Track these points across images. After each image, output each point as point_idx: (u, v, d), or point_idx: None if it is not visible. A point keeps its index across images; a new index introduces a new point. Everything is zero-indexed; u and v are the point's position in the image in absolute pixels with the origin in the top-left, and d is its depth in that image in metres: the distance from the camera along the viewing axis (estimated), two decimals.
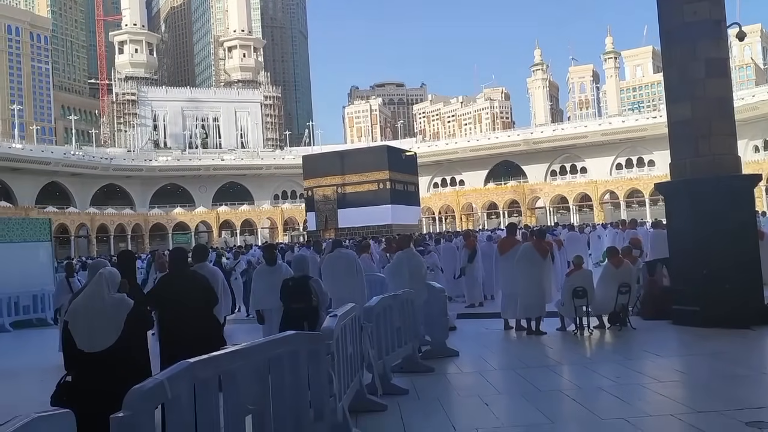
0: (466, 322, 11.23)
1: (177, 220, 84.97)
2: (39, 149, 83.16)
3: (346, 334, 5.35)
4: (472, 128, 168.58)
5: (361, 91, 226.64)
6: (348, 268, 8.74)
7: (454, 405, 6.18)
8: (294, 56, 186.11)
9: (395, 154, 54.46)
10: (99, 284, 4.73)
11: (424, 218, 76.20)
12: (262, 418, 3.83)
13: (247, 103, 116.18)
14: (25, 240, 17.22)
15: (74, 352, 4.57)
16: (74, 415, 2.60)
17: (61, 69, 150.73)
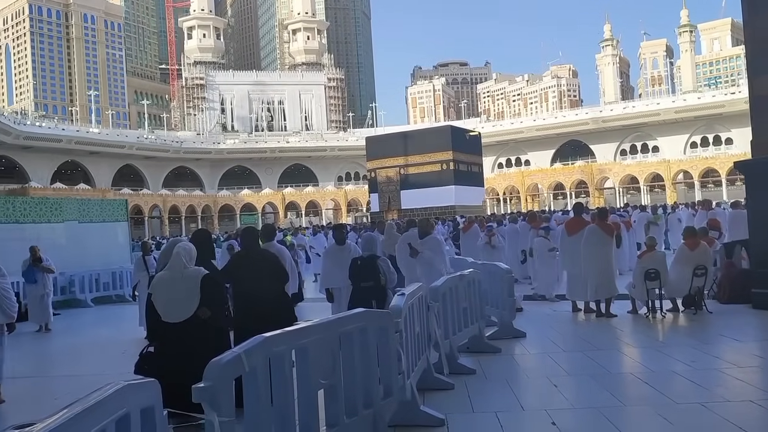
0: (533, 304, 11.10)
1: (244, 202, 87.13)
2: (114, 133, 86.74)
3: (414, 313, 5.38)
4: (538, 107, 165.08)
5: (424, 71, 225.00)
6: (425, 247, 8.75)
7: (522, 385, 6.13)
8: (357, 38, 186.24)
9: (459, 134, 53.84)
10: (178, 258, 4.98)
11: (488, 199, 75.34)
12: (334, 393, 3.91)
13: (311, 85, 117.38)
14: (104, 220, 18.03)
15: (157, 323, 4.81)
16: (159, 384, 2.72)
17: (133, 55, 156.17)
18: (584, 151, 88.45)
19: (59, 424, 1.92)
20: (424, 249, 8.79)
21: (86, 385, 6.85)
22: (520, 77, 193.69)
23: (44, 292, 12.04)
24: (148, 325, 5.19)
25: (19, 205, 16.12)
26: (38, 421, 1.95)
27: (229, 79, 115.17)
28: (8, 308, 6.39)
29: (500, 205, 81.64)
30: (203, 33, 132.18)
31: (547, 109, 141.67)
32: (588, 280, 9.46)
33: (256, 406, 3.27)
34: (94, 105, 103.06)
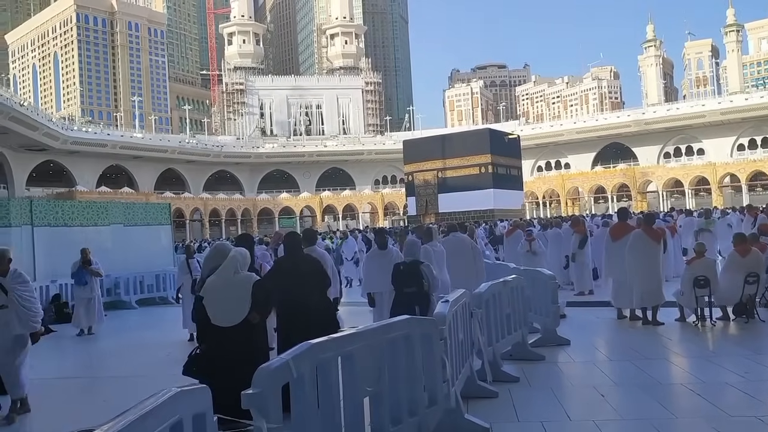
0: (576, 311, 10.90)
1: (283, 205, 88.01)
2: (157, 138, 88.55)
3: (458, 320, 5.33)
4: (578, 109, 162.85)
5: (462, 74, 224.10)
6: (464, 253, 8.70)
7: (568, 395, 6.02)
8: (395, 41, 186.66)
9: (497, 137, 53.47)
10: (233, 263, 5.08)
11: (528, 203, 74.53)
12: (379, 401, 3.89)
13: (348, 89, 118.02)
14: (148, 223, 18.42)
15: (206, 326, 4.87)
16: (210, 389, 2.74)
17: (175, 61, 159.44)
18: (626, 154, 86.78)
19: (117, 431, 1.94)
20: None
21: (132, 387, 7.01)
22: (560, 79, 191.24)
23: (92, 295, 12.04)
24: (198, 327, 5.25)
25: (67, 208, 16.57)
26: (96, 428, 1.97)
27: (268, 84, 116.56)
28: (29, 318, 6.16)
29: (540, 209, 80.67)
30: (243, 39, 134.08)
31: (588, 112, 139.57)
32: (634, 286, 9.25)
33: (303, 412, 3.27)
34: (138, 110, 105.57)
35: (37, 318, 6.26)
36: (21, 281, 6.18)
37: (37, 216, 15.22)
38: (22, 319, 6.09)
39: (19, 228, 14.62)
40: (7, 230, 14.28)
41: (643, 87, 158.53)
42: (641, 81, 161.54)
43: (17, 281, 6.15)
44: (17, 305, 6.05)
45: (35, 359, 9.92)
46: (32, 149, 71.06)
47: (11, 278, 6.13)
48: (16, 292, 6.08)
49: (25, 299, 6.14)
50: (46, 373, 9.01)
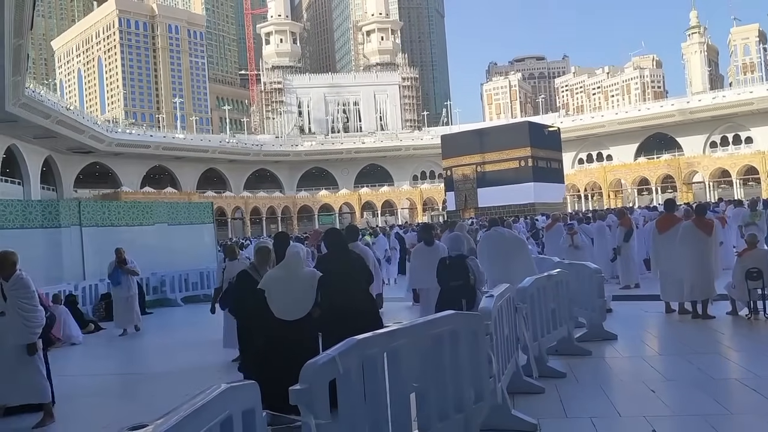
0: (622, 305, 10.68)
1: (322, 202, 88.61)
2: (198, 138, 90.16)
3: (503, 315, 5.26)
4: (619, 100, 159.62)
5: (500, 67, 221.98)
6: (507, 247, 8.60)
7: (617, 390, 5.88)
8: (431, 36, 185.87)
9: (537, 130, 52.78)
10: (296, 258, 5.25)
11: (569, 196, 73.39)
12: (426, 396, 3.85)
13: (385, 85, 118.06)
14: (191, 222, 18.74)
15: (265, 320, 4.96)
16: (259, 385, 2.75)
17: (214, 62, 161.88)
18: (670, 144, 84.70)
19: (170, 426, 1.96)
20: None
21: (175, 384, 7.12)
22: (600, 70, 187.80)
23: (128, 294, 11.91)
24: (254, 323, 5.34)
25: (113, 209, 16.98)
26: (150, 423, 1.99)
27: (305, 83, 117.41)
28: (25, 328, 5.73)
29: (581, 201, 79.38)
30: (280, 38, 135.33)
31: (630, 102, 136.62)
32: (684, 279, 9.00)
33: (350, 408, 3.26)
34: (179, 112, 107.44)
35: (34, 329, 5.82)
36: (20, 287, 5.78)
37: (85, 216, 15.63)
38: (18, 328, 5.72)
39: (68, 228, 15.03)
40: (57, 231, 14.71)
41: (687, 75, 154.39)
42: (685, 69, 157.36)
43: (17, 287, 5.77)
44: (15, 313, 5.71)
45: (82, 357, 10.23)
46: (79, 152, 73.10)
47: (12, 283, 5.78)
48: (15, 298, 5.73)
49: (23, 307, 5.73)
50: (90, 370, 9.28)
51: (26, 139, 60.74)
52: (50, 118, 56.54)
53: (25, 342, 5.76)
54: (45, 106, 55.04)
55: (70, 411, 6.58)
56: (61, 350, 10.14)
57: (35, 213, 14.47)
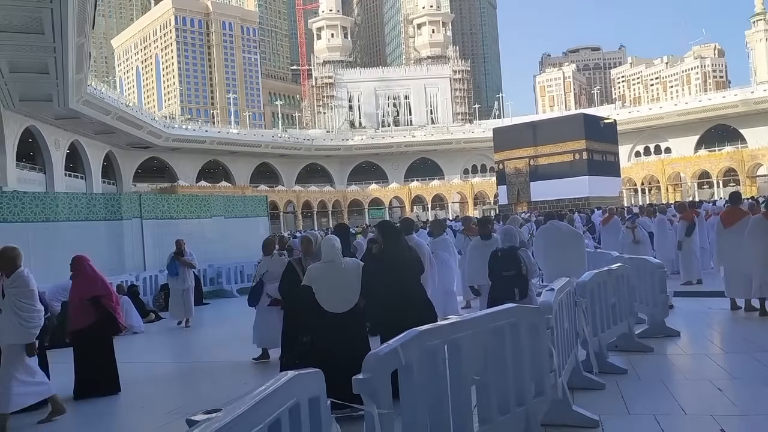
0: (684, 301, 10.36)
1: (372, 196, 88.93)
2: (251, 133, 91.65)
3: (563, 309, 5.17)
4: (679, 90, 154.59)
5: (553, 58, 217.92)
6: (563, 241, 8.47)
7: (681, 388, 5.70)
8: (482, 28, 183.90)
9: (592, 122, 51.64)
10: (337, 251, 5.30)
11: (625, 190, 71.59)
12: (487, 389, 3.82)
13: (436, 78, 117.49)
14: (246, 215, 19.14)
15: (314, 314, 5.00)
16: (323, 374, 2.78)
17: (267, 58, 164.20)
18: (733, 136, 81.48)
19: (242, 411, 1.99)
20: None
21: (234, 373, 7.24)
22: (659, 60, 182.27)
23: (184, 287, 11.95)
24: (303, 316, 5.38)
25: (172, 202, 17.46)
26: (223, 407, 2.03)
27: (356, 77, 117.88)
28: (22, 327, 5.53)
29: (638, 195, 77.31)
30: (331, 33, 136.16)
31: (690, 93, 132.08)
32: (753, 275, 8.66)
33: (411, 398, 3.26)
34: (233, 107, 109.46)
35: (32, 329, 5.60)
36: (19, 284, 5.61)
37: (145, 209, 16.11)
38: (15, 327, 5.53)
39: (129, 221, 15.53)
40: (119, 223, 15.21)
41: (751, 64, 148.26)
42: (749, 58, 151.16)
43: (16, 284, 5.60)
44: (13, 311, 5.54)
45: (143, 345, 10.56)
46: (137, 147, 75.35)
47: (11, 281, 5.62)
48: (12, 296, 5.56)
49: (20, 305, 5.53)
50: (151, 358, 9.58)
51: (88, 135, 62.98)
52: (110, 114, 58.43)
53: (20, 341, 5.56)
54: (106, 102, 56.91)
55: (134, 397, 6.81)
56: (124, 338, 10.49)
57: (99, 206, 14.99)
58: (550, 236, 8.76)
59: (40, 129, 52.75)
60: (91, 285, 6.85)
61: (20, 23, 28.37)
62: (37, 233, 12.91)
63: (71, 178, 61.87)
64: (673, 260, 12.90)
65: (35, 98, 42.71)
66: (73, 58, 34.25)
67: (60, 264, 7.45)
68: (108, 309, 6.80)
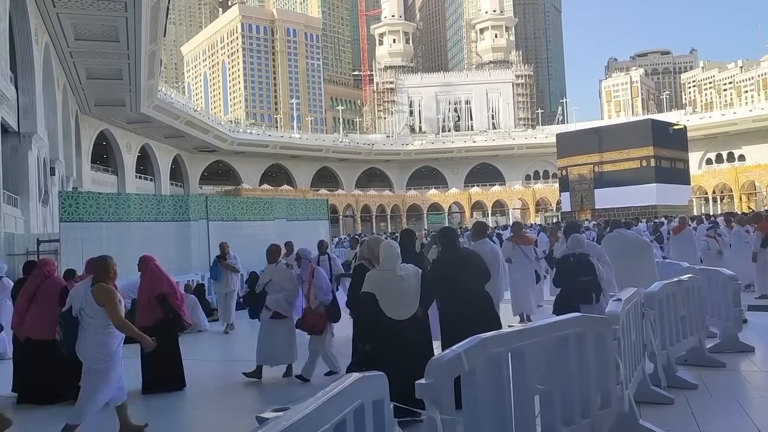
0: (759, 315, 9.91)
1: (431, 201, 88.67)
2: (313, 138, 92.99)
3: (630, 320, 5.03)
4: (754, 96, 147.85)
5: (620, 62, 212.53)
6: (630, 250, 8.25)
7: (755, 406, 5.45)
8: (546, 32, 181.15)
9: (661, 128, 50.04)
10: (399, 258, 5.28)
11: (695, 198, 68.98)
12: (550, 399, 3.76)
13: (498, 83, 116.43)
14: (308, 218, 19.41)
15: (375, 321, 5.02)
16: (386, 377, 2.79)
17: (329, 64, 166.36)
18: None
19: (311, 410, 2.03)
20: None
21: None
22: (732, 64, 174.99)
23: (227, 290, 11.89)
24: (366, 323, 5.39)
25: (237, 204, 17.88)
26: (291, 405, 2.07)
27: (417, 82, 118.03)
28: None
29: (709, 204, 74.34)
30: (393, 38, 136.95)
31: (766, 98, 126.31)
32: None
33: (474, 405, 3.24)
34: (296, 112, 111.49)
35: None
36: None
37: (212, 211, 16.55)
38: None
39: (196, 222, 15.99)
40: (186, 224, 15.68)
41: None
42: None
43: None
44: None
45: (208, 343, 10.82)
46: (204, 150, 77.69)
47: None
48: None
49: None
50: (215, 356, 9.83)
51: (158, 139, 65.37)
52: (179, 119, 60.46)
53: None
54: (175, 107, 58.95)
55: (199, 393, 6.99)
56: (189, 336, 10.80)
57: (167, 207, 15.49)
58: (616, 245, 8.54)
59: (113, 132, 55.15)
60: (157, 284, 7.09)
61: (98, 32, 29.78)
62: (110, 233, 13.44)
63: (141, 180, 64.31)
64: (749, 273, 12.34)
65: (109, 103, 44.70)
66: (145, 64, 35.64)
67: (130, 262, 7.73)
68: (173, 307, 7.01)
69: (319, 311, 7.31)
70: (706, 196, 75.59)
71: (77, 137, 45.82)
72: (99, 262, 5.52)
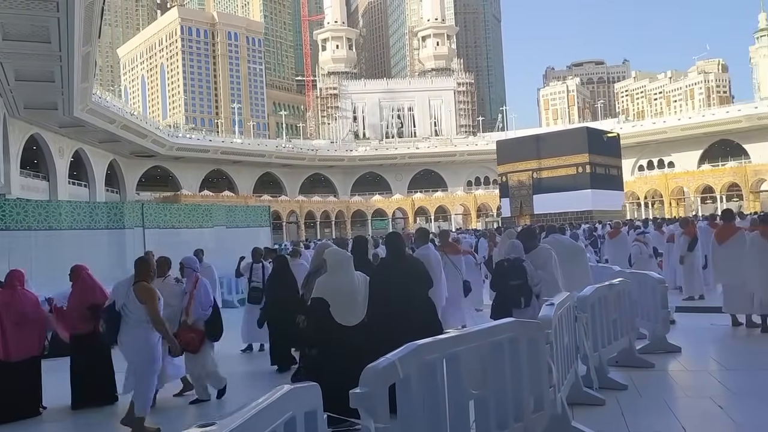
0: (686, 316, 10.33)
1: (375, 207, 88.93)
2: (255, 143, 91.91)
3: (563, 324, 5.16)
4: (683, 105, 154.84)
5: (557, 71, 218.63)
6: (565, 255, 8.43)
7: (682, 405, 5.67)
8: (487, 41, 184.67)
9: (596, 136, 51.70)
10: (350, 263, 5.32)
11: (628, 203, 71.50)
12: (485, 404, 3.80)
13: (440, 91, 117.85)
14: (248, 225, 19.15)
15: (326, 327, 5.03)
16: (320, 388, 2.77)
17: (272, 68, 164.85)
18: (737, 151, 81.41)
19: (238, 425, 1.98)
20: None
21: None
22: (662, 74, 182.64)
23: None
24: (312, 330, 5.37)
25: (174, 211, 17.47)
26: (217, 420, 2.02)
27: (360, 88, 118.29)
28: None
29: (641, 209, 77.22)
30: (336, 44, 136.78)
31: (694, 107, 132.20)
32: (754, 291, 8.64)
33: (409, 413, 3.25)
34: (237, 117, 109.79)
35: None
36: None
37: (147, 218, 16.11)
38: None
39: (132, 230, 15.53)
40: (121, 232, 15.22)
41: (755, 79, 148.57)
42: (753, 73, 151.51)
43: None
44: None
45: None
46: (141, 155, 75.58)
47: None
48: None
49: None
50: None
51: (92, 143, 63.21)
52: (115, 123, 58.65)
53: None
54: (110, 111, 57.13)
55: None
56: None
57: (101, 214, 15.00)
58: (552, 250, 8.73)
59: (44, 137, 52.95)
60: (89, 294, 6.86)
61: (27, 32, 28.56)
62: (39, 241, 12.92)
63: (75, 186, 62.02)
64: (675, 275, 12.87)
65: (40, 106, 42.94)
66: (78, 66, 34.44)
67: (63, 272, 7.44)
68: None
69: (197, 327, 6.68)
70: (638, 202, 78.52)
71: (5, 142, 43.84)
72: (140, 262, 6.05)
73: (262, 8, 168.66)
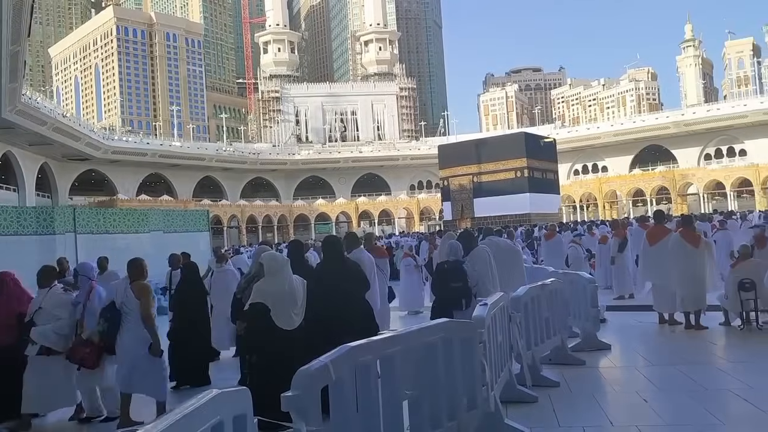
0: (616, 315, 10.72)
1: (319, 211, 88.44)
2: (195, 146, 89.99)
3: (497, 323, 5.28)
4: (615, 112, 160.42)
5: (497, 78, 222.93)
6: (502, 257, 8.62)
7: (610, 400, 5.90)
8: (429, 47, 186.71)
9: (533, 141, 52.89)
10: (288, 268, 5.34)
11: (564, 207, 73.56)
12: (419, 404, 3.86)
13: (383, 95, 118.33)
14: (187, 230, 18.73)
15: (267, 332, 5.01)
16: (251, 392, 2.75)
17: (212, 71, 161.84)
18: (665, 156, 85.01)
19: (161, 430, 1.96)
20: None
21: None
22: (596, 82, 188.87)
23: None
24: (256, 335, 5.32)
25: (108, 216, 16.95)
26: (138, 426, 1.99)
27: (303, 92, 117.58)
28: None
29: (576, 212, 79.58)
30: (278, 47, 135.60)
31: (625, 114, 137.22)
32: (676, 290, 9.05)
33: (342, 415, 3.27)
34: (176, 119, 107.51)
35: None
36: None
37: (80, 223, 15.58)
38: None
39: (62, 235, 14.98)
40: (51, 237, 14.66)
41: (681, 88, 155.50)
42: (680, 82, 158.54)
43: None
44: None
45: None
46: (75, 159, 72.92)
47: None
48: None
49: None
50: None
51: (22, 146, 60.61)
52: (46, 125, 56.44)
53: None
54: (41, 113, 54.95)
55: (60, 415, 6.53)
56: None
57: (30, 220, 14.42)
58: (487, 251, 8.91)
59: None
60: (16, 302, 6.56)
61: None
62: None
63: (3, 190, 59.38)
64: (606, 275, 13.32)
65: None
66: (6, 66, 33.04)
67: None
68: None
69: (93, 340, 6.13)
70: (574, 205, 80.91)
71: None
72: (132, 264, 6.27)
73: (202, 9, 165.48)
